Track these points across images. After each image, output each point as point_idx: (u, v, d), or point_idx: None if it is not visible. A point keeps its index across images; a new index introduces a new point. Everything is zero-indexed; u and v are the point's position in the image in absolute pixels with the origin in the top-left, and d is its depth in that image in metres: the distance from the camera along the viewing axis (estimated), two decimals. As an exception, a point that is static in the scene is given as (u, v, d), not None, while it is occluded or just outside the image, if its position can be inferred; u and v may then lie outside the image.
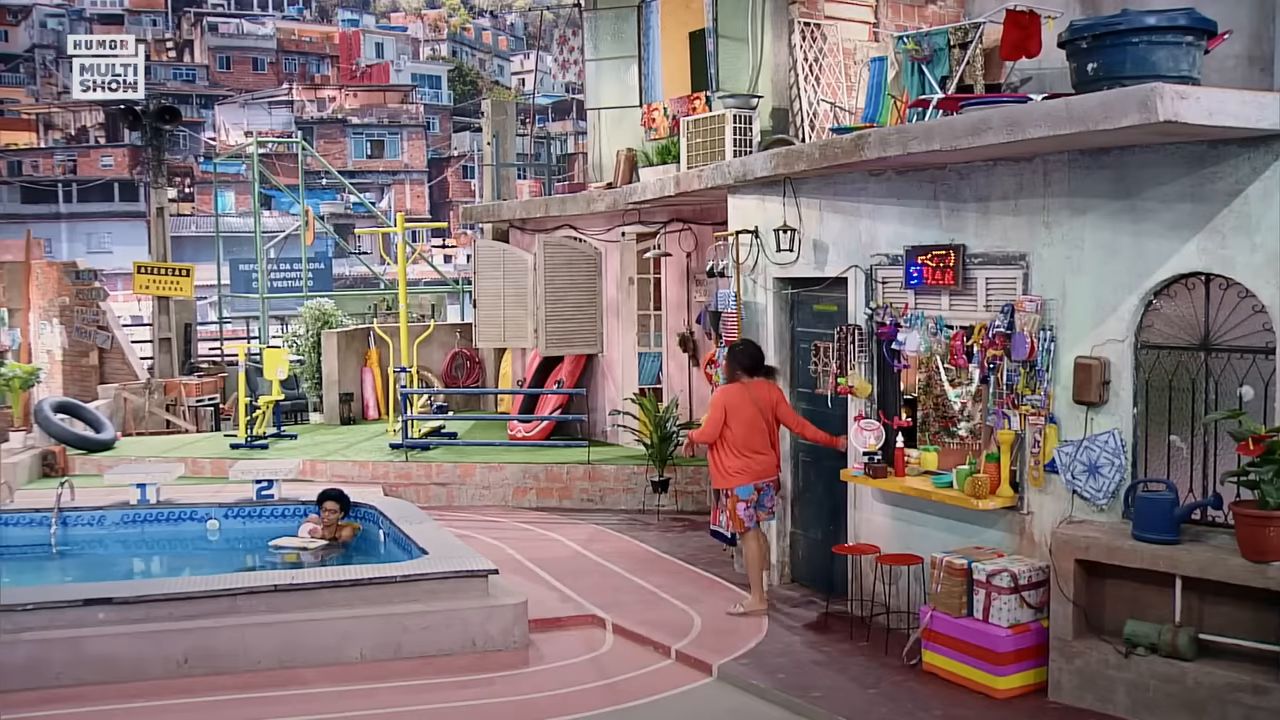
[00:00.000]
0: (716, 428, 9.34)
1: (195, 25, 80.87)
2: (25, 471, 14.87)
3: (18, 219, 56.10)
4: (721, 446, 9.40)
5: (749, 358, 9.51)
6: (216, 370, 21.51)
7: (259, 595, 8.63)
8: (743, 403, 9.33)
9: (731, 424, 9.31)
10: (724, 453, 9.41)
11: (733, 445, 9.35)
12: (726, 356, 9.78)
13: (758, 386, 9.44)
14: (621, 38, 15.74)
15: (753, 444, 9.37)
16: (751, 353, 9.56)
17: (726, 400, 9.37)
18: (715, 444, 9.41)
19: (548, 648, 8.88)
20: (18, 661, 8.03)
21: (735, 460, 9.37)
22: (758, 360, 9.55)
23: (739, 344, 9.79)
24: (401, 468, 14.23)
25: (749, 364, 9.49)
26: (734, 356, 9.58)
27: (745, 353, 9.56)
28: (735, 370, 9.50)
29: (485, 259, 16.26)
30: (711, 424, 9.38)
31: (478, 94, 72.35)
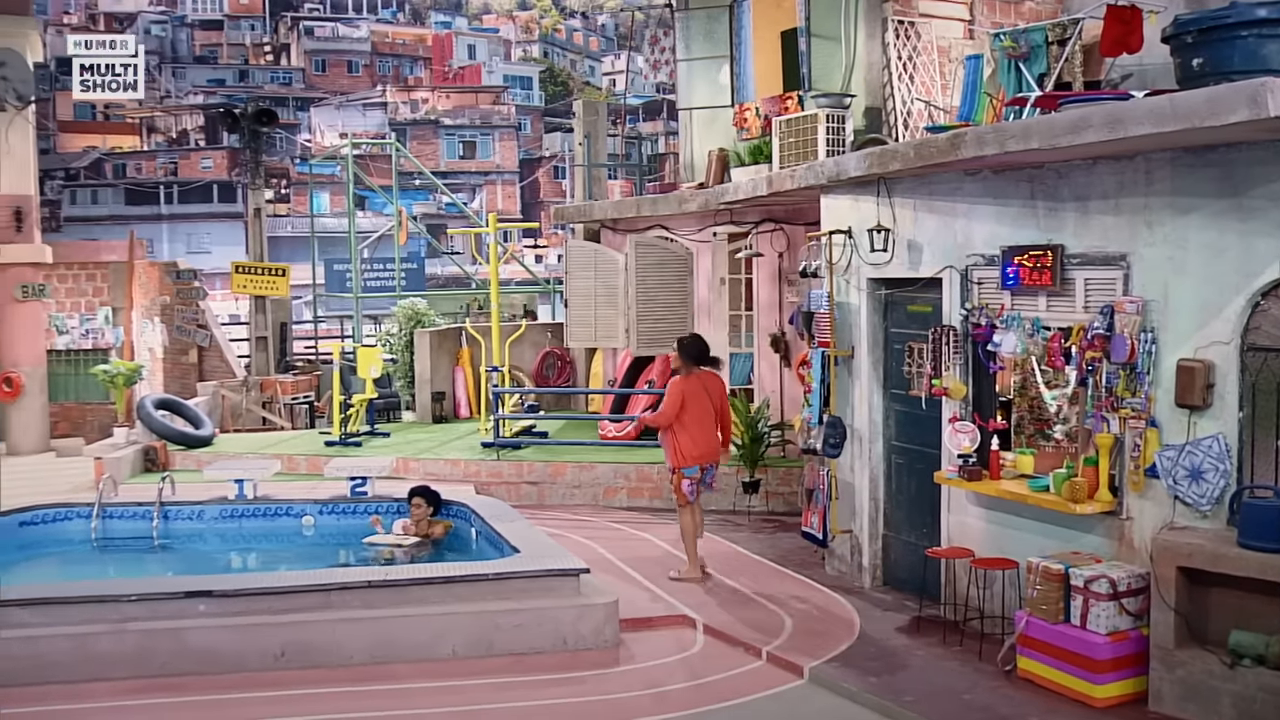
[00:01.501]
0: (673, 413, 10.35)
1: (292, 29, 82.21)
2: (128, 466, 15.21)
3: (122, 220, 57.47)
4: (679, 430, 10.39)
5: (698, 350, 10.61)
6: (311, 368, 21.83)
7: (353, 591, 8.75)
8: (697, 391, 10.43)
9: (688, 410, 10.36)
10: (680, 436, 10.40)
11: (689, 429, 10.38)
12: (678, 350, 10.70)
13: (707, 377, 10.60)
14: (713, 38, 15.70)
15: (705, 428, 10.50)
16: (701, 346, 10.68)
17: (685, 389, 10.38)
18: (672, 428, 10.40)
19: (638, 647, 8.88)
20: (125, 651, 8.23)
21: (690, 443, 10.41)
22: (705, 353, 10.66)
23: (688, 338, 10.91)
24: (493, 466, 14.33)
25: (698, 355, 10.57)
26: (684, 349, 10.60)
27: (695, 346, 10.66)
28: (687, 362, 10.53)
29: (577, 259, 16.31)
30: (669, 409, 10.37)
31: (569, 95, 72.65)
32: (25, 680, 8.03)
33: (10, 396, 19.33)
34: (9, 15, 19.49)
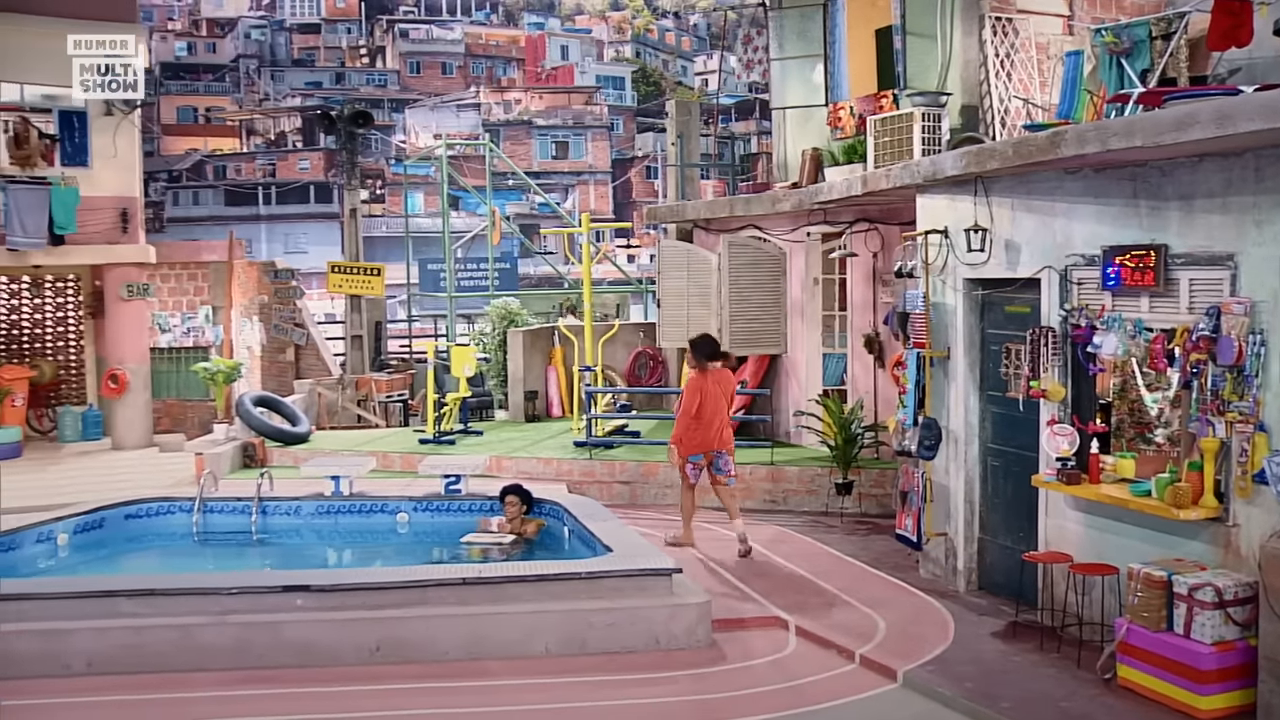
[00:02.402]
0: (694, 407, 11.37)
1: (387, 32, 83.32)
2: (228, 462, 15.50)
3: (222, 220, 58.67)
4: (690, 418, 11.41)
5: (711, 349, 11.71)
6: (405, 367, 22.06)
7: (448, 587, 8.84)
8: (711, 387, 11.48)
9: (704, 404, 11.37)
10: (695, 426, 11.40)
11: (701, 420, 11.40)
12: (691, 349, 11.76)
13: (719, 373, 11.66)
14: (807, 37, 15.63)
15: (716, 420, 11.47)
16: (713, 345, 11.85)
17: (702, 385, 11.44)
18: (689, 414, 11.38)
19: (731, 648, 8.86)
20: (225, 643, 8.40)
21: (700, 433, 11.43)
22: (716, 350, 11.79)
23: (700, 338, 11.93)
24: (585, 465, 14.39)
25: (710, 353, 11.64)
26: (699, 349, 11.64)
27: (708, 345, 11.75)
28: (700, 360, 11.56)
29: (669, 259, 16.31)
30: (690, 404, 11.42)
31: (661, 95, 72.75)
32: (131, 668, 8.24)
33: (116, 393, 19.80)
34: (116, 22, 19.95)
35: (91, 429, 19.83)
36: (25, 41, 18.68)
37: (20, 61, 18.84)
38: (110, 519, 12.05)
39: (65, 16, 18.97)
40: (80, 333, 21.04)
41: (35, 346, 20.74)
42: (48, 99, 19.61)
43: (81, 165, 19.47)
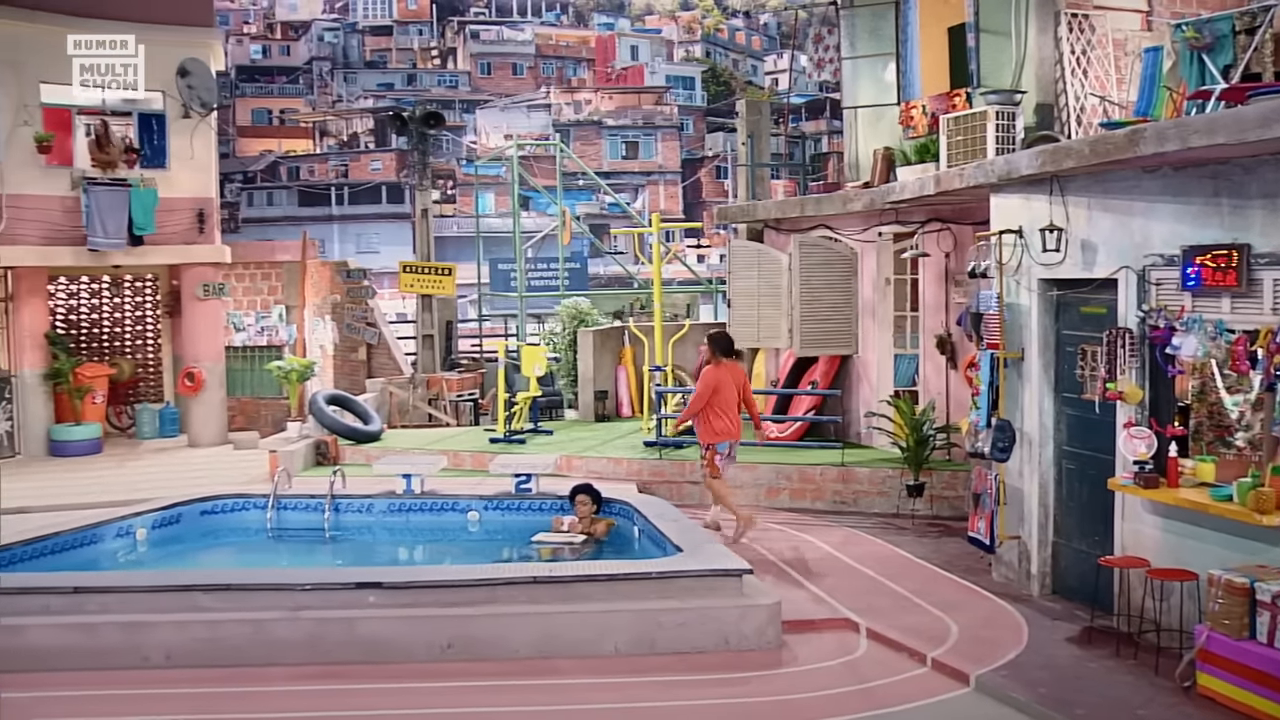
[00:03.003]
0: (703, 401, 12.06)
1: (458, 33, 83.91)
2: (301, 459, 15.68)
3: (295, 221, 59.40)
4: (710, 413, 12.07)
5: (726, 344, 12.39)
6: (476, 366, 22.18)
7: (519, 586, 8.88)
8: (724, 379, 12.14)
9: (719, 395, 12.04)
10: (713, 417, 12.07)
11: (719, 411, 12.06)
12: (709, 343, 12.40)
13: (732, 367, 12.33)
14: (879, 35, 15.52)
15: (731, 411, 12.14)
16: (729, 340, 12.54)
17: (716, 379, 12.10)
18: (704, 411, 12.07)
19: (801, 649, 8.83)
20: (299, 638, 8.50)
21: (721, 423, 12.09)
22: (730, 346, 12.49)
23: (718, 334, 12.65)
24: (655, 465, 14.39)
25: (725, 348, 12.32)
26: (716, 343, 12.31)
27: (724, 340, 12.44)
28: (715, 354, 12.24)
29: (740, 259, 16.27)
30: (703, 395, 12.07)
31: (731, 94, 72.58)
32: (207, 662, 8.36)
33: (192, 391, 20.10)
34: (193, 26, 20.29)
35: (168, 426, 20.16)
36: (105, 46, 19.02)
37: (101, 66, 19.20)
38: (187, 515, 12.26)
39: (143, 22, 19.32)
40: (158, 331, 21.39)
41: (114, 345, 21.12)
42: (128, 102, 19.97)
43: (160, 167, 19.81)
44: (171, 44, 19.59)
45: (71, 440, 19.04)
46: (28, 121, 18.45)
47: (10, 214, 18.07)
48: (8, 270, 18.83)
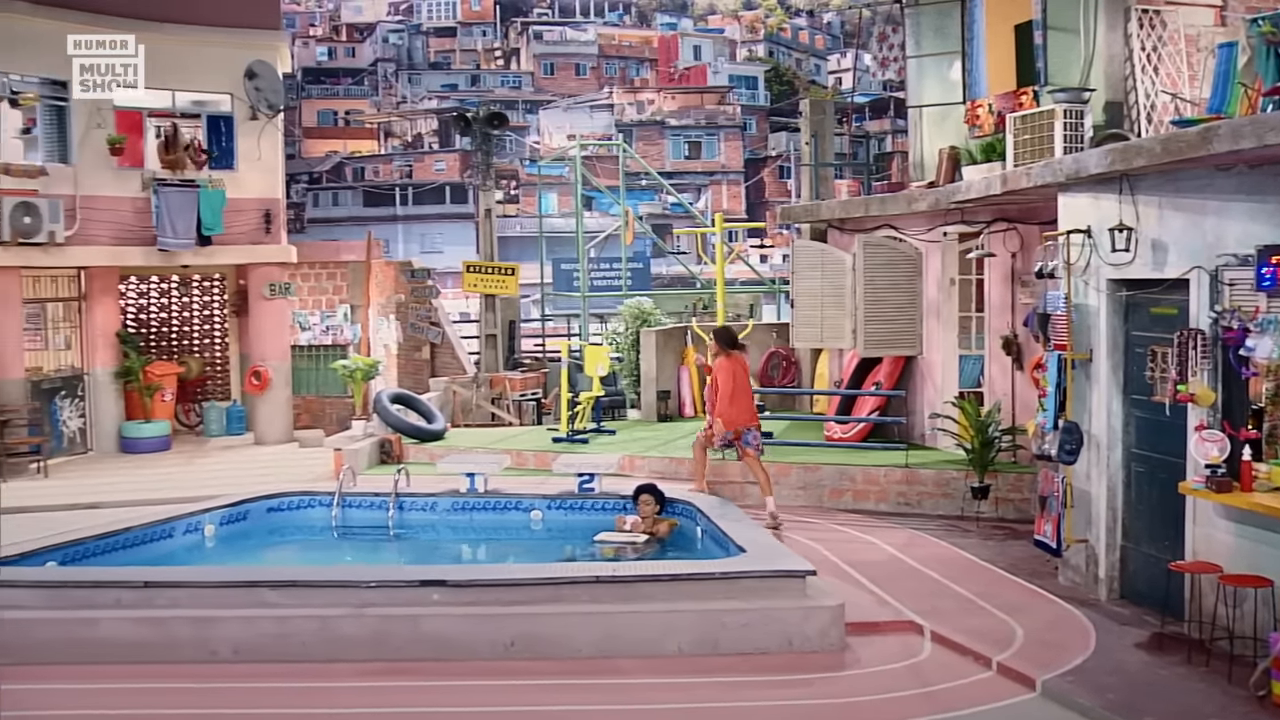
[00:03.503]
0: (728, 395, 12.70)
1: (521, 34, 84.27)
2: (365, 458, 15.81)
3: (360, 221, 59.93)
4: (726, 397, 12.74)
5: (731, 337, 13.19)
6: (539, 366, 22.27)
7: (582, 585, 8.89)
8: (739, 369, 12.93)
9: (737, 383, 12.77)
10: (732, 404, 12.71)
11: (733, 399, 12.73)
12: (716, 338, 13.25)
13: (740, 359, 13.08)
14: (944, 33, 15.40)
15: (743, 399, 12.91)
16: (733, 334, 13.33)
17: (733, 368, 12.81)
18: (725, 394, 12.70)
19: (864, 652, 8.77)
20: (364, 635, 8.58)
21: (734, 411, 12.74)
22: (736, 339, 13.23)
23: (721, 328, 13.82)
24: (718, 465, 14.32)
25: (731, 341, 13.07)
26: (722, 338, 13.13)
27: (729, 334, 13.25)
28: (724, 347, 12.98)
29: (803, 259, 16.21)
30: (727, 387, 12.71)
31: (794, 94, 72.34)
32: (274, 657, 8.46)
33: (258, 389, 20.35)
34: (261, 29, 20.54)
35: (235, 424, 20.42)
36: (175, 50, 19.33)
37: (171, 69, 19.49)
38: (254, 511, 12.40)
39: (212, 25, 19.62)
40: (225, 330, 21.68)
41: (183, 343, 21.44)
42: (197, 104, 20.27)
43: (227, 168, 20.09)
44: (239, 47, 19.87)
45: (141, 437, 19.34)
46: (100, 124, 18.78)
47: (83, 215, 18.39)
48: (81, 270, 19.16)
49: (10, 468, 17.12)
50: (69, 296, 19.28)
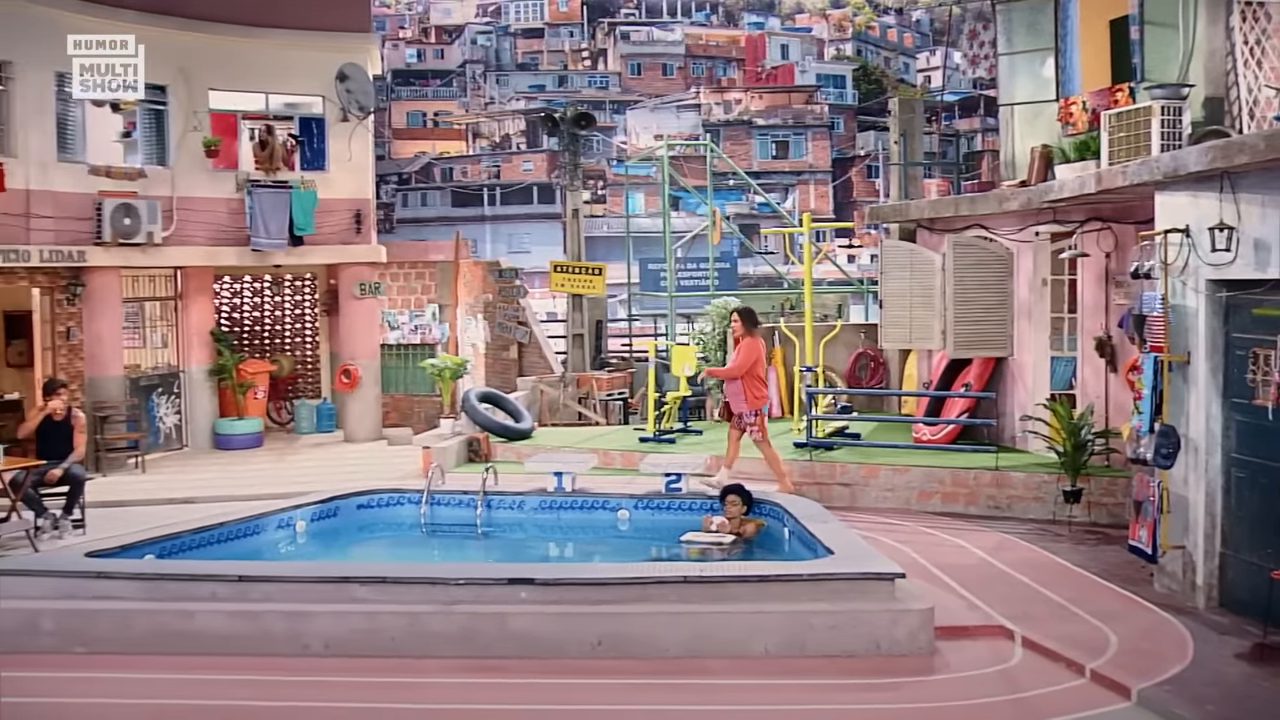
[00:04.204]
0: (745, 367, 13.30)
1: (609, 34, 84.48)
2: (453, 456, 15.93)
3: (448, 221, 60.46)
4: (751, 380, 13.33)
5: (754, 317, 13.95)
6: (626, 366, 22.30)
7: (669, 585, 8.88)
8: (760, 349, 13.52)
9: (759, 363, 13.41)
10: (754, 384, 13.37)
11: (759, 379, 13.45)
12: (741, 317, 13.73)
13: (759, 340, 13.63)
14: (1036, 30, 15.19)
15: (766, 378, 13.81)
16: (754, 314, 14.07)
17: (756, 347, 13.43)
18: (745, 378, 13.29)
19: (954, 656, 8.66)
20: (452, 631, 8.64)
21: (762, 388, 13.51)
22: (757, 319, 14.12)
23: (745, 308, 14.18)
24: (805, 466, 14.28)
25: (755, 321, 13.90)
26: (747, 318, 13.72)
27: (752, 315, 13.91)
28: (748, 327, 13.61)
29: (892, 259, 16.07)
30: (742, 364, 13.33)
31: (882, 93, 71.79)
32: (364, 652, 8.55)
33: (349, 387, 20.61)
34: (352, 33, 20.81)
35: (325, 421, 20.72)
36: (269, 54, 19.66)
37: (265, 73, 19.85)
38: (344, 508, 12.55)
39: (305, 29, 19.93)
40: (315, 329, 22.00)
41: (275, 342, 21.79)
42: (289, 107, 20.59)
43: (319, 169, 20.38)
44: (331, 50, 20.15)
45: (234, 434, 19.69)
46: (197, 127, 19.16)
47: (180, 216, 18.76)
48: (177, 270, 19.55)
49: (109, 462, 17.53)
50: (166, 296, 19.68)
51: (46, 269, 17.39)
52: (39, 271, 17.42)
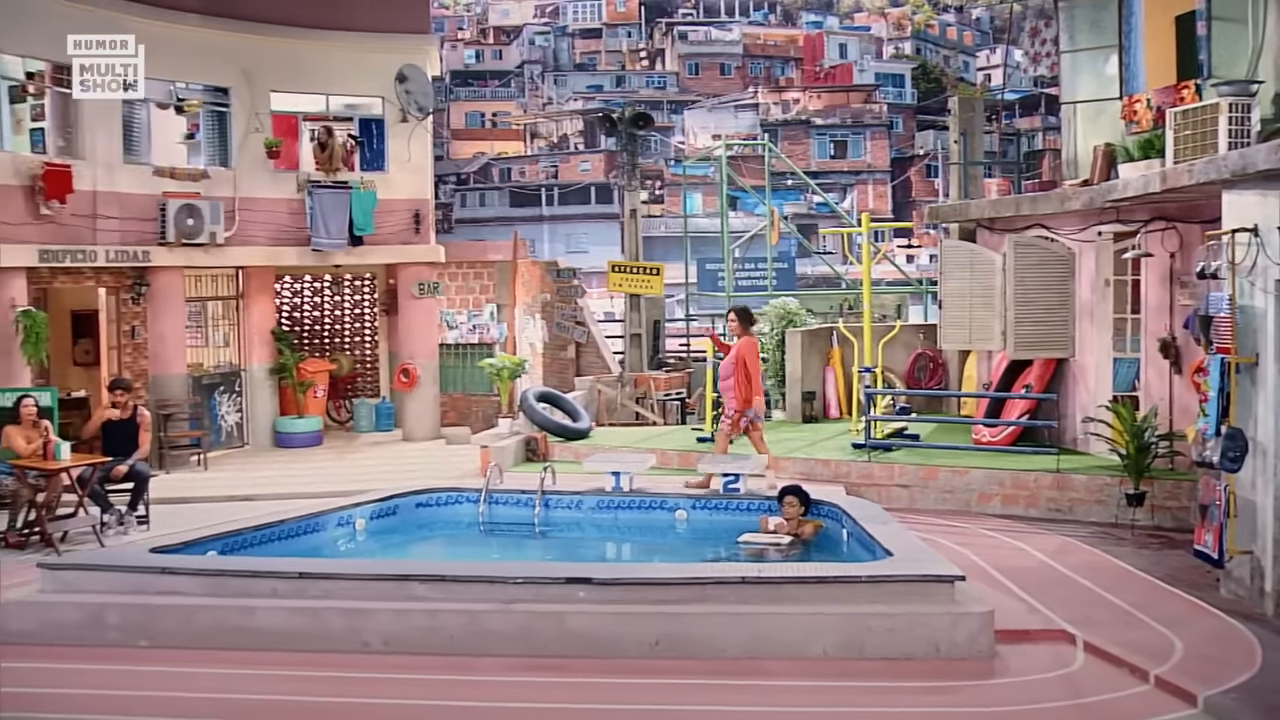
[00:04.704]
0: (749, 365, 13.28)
1: (666, 34, 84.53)
2: (511, 455, 15.99)
3: (506, 221, 60.79)
4: (745, 380, 13.24)
5: (751, 316, 13.92)
6: (683, 366, 22.27)
7: (728, 586, 8.85)
8: (757, 349, 13.54)
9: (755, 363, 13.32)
10: (746, 382, 13.23)
11: (752, 379, 13.30)
12: (739, 316, 13.64)
13: (754, 339, 13.68)
14: (1100, 27, 15.01)
15: (758, 378, 13.48)
16: (751, 313, 14.05)
17: (755, 347, 13.45)
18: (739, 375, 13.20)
19: (1014, 660, 8.56)
20: (511, 630, 8.66)
21: (752, 390, 13.30)
22: (753, 318, 14.16)
23: (742, 307, 13.98)
24: (863, 468, 14.21)
25: (752, 321, 13.88)
26: (744, 317, 13.66)
27: (749, 314, 13.89)
28: (745, 327, 13.58)
29: (951, 259, 15.94)
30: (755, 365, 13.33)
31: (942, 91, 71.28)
32: (423, 649, 8.59)
33: (407, 386, 20.75)
34: (411, 34, 20.95)
35: (384, 420, 20.86)
36: (330, 56, 19.84)
37: (325, 74, 20.02)
38: (403, 506, 12.62)
39: (365, 31, 20.10)
40: (375, 329, 22.17)
41: (334, 341, 21.96)
42: (349, 108, 20.76)
43: (379, 170, 20.53)
44: (390, 52, 20.30)
45: (294, 432, 19.88)
46: (259, 128, 19.35)
47: (242, 216, 18.96)
48: (239, 270, 19.76)
49: (172, 459, 17.74)
50: (228, 295, 19.91)
51: (112, 269, 17.64)
52: (105, 271, 17.67)
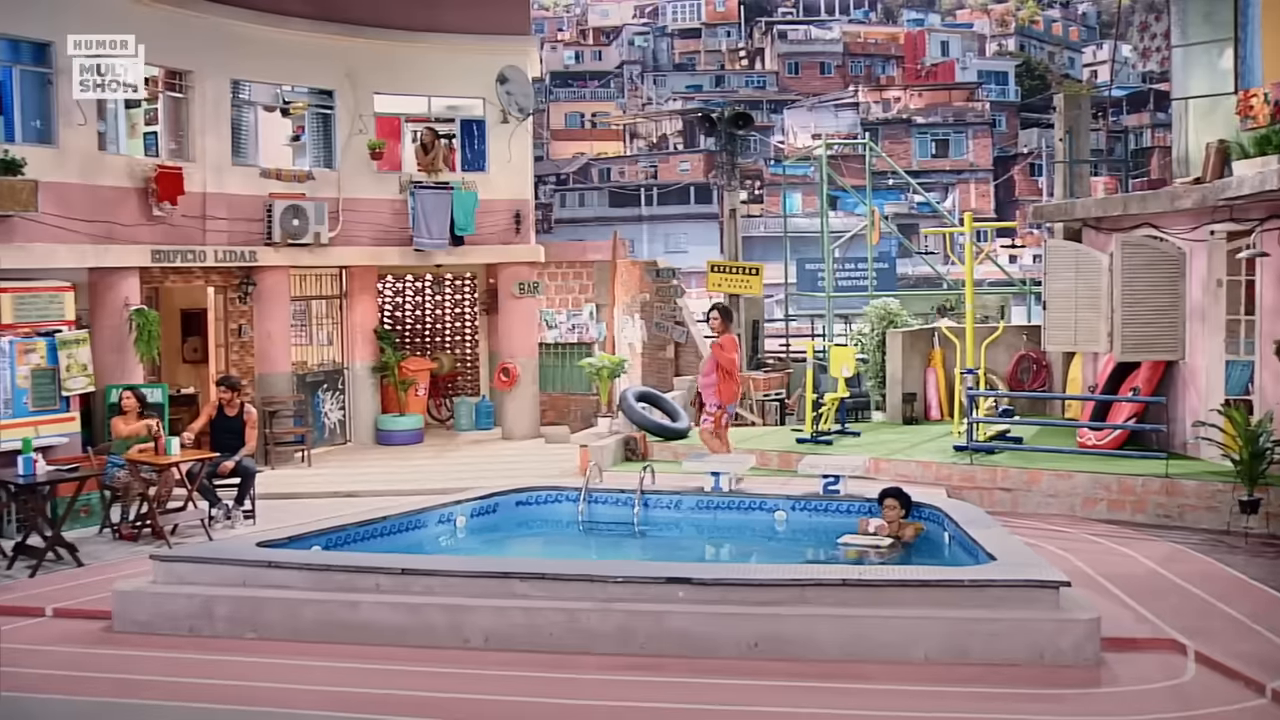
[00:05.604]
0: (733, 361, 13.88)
1: (766, 34, 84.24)
2: (610, 454, 16.04)
3: (606, 221, 61.04)
4: (726, 377, 13.83)
5: (731, 314, 14.51)
6: (783, 366, 22.17)
7: (828, 588, 8.78)
8: (736, 346, 13.98)
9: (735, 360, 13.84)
10: (727, 381, 13.85)
11: (733, 376, 13.91)
12: (721, 314, 14.10)
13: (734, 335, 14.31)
14: (1214, 19, 14.70)
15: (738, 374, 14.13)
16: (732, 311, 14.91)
17: (735, 345, 13.92)
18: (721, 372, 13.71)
19: (1121, 669, 8.37)
20: (609, 629, 8.66)
21: (734, 386, 13.98)
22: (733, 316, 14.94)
23: (724, 305, 14.59)
24: (965, 470, 14.03)
25: (731, 319, 14.47)
26: (727, 315, 14.17)
27: (729, 312, 14.43)
28: (727, 324, 14.03)
29: (1056, 259, 15.68)
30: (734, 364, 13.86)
31: (1046, 89, 70.14)
32: (522, 646, 8.64)
33: (507, 385, 20.91)
34: (512, 36, 21.12)
35: (484, 419, 21.06)
36: (432, 58, 20.06)
37: (427, 76, 20.26)
38: (503, 504, 12.71)
39: (466, 33, 20.30)
40: (475, 328, 22.39)
41: (435, 340, 22.22)
42: (451, 109, 20.98)
43: (479, 170, 20.73)
44: (491, 53, 20.49)
45: (396, 430, 20.15)
46: (362, 130, 19.64)
47: (345, 217, 19.26)
48: (342, 270, 20.07)
49: (277, 456, 18.09)
50: (331, 295, 20.23)
51: (220, 268, 18.02)
52: (213, 271, 18.06)
